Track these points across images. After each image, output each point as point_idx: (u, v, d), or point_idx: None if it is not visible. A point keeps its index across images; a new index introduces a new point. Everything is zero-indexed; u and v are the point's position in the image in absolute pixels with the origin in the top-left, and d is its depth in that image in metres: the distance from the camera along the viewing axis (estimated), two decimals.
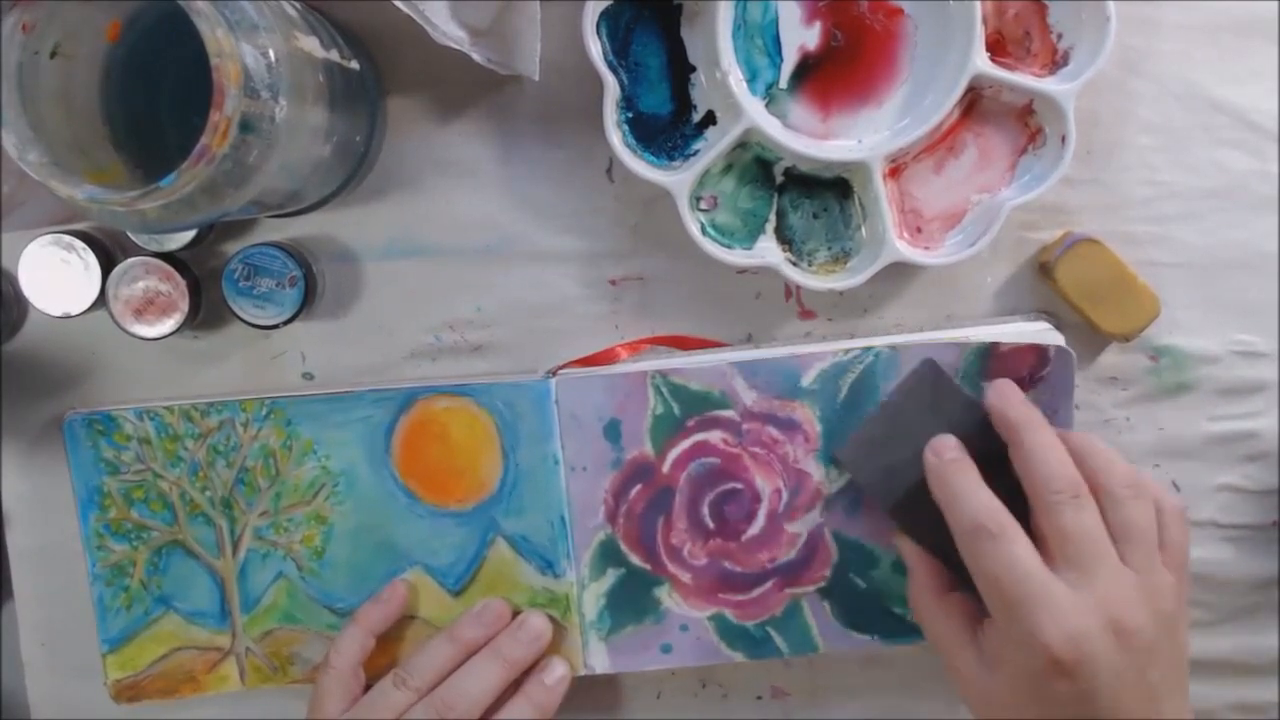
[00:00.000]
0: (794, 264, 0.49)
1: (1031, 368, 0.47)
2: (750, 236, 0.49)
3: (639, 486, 0.49)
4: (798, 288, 0.51)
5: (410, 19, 0.43)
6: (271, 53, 0.36)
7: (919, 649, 0.49)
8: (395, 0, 0.42)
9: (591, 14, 0.46)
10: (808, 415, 0.48)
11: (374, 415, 0.49)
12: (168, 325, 0.48)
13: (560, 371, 0.49)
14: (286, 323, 0.48)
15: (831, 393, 0.48)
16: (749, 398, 0.48)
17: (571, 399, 0.48)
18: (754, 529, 0.49)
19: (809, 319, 0.51)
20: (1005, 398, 0.42)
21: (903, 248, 0.48)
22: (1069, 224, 0.50)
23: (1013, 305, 0.51)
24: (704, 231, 0.48)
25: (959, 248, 0.48)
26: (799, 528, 0.49)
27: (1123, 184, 0.50)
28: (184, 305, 0.48)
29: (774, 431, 0.49)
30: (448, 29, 0.43)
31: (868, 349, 0.48)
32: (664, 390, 0.48)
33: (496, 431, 0.49)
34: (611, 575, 0.49)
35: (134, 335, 0.48)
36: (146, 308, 0.48)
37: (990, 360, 0.47)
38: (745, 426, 0.49)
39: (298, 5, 0.41)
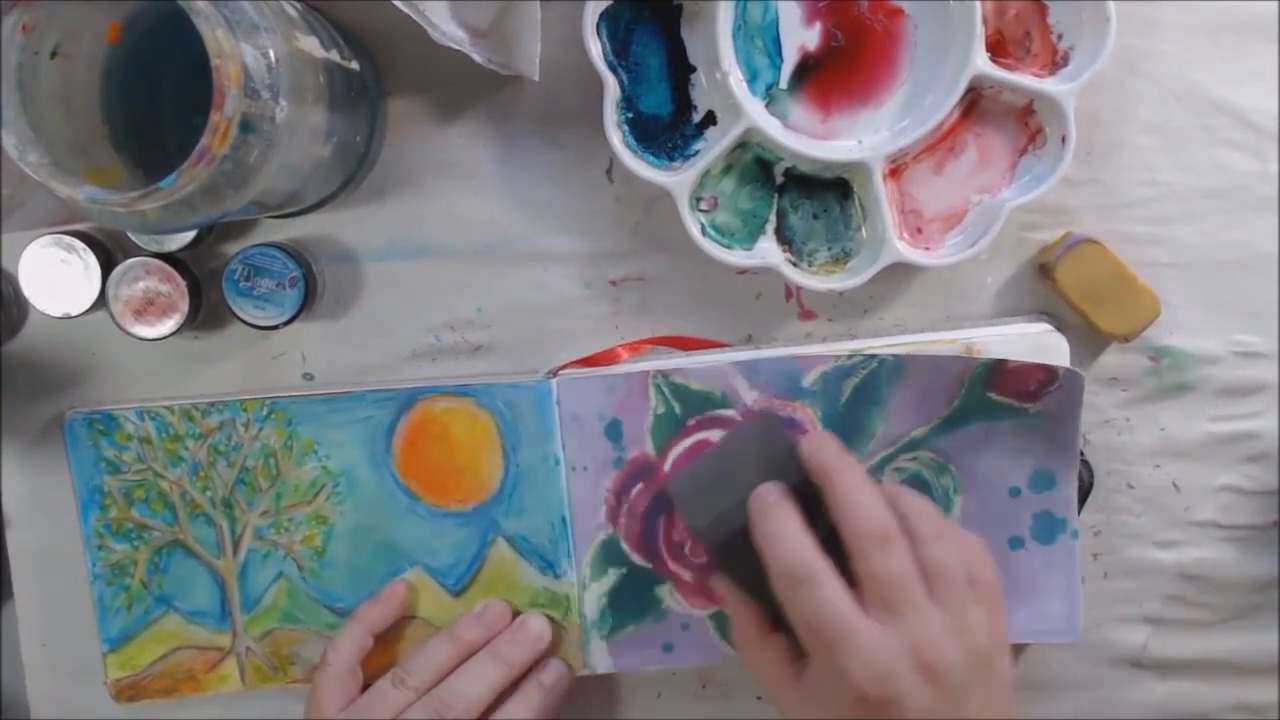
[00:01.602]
0: (794, 264, 0.49)
1: (1039, 383, 0.47)
2: (750, 237, 0.49)
3: (640, 485, 0.49)
4: (798, 288, 0.51)
5: (410, 19, 0.43)
6: (271, 53, 0.36)
7: None
8: (395, 0, 0.42)
9: (591, 14, 0.46)
10: (809, 416, 0.48)
11: (375, 415, 0.49)
12: (168, 326, 0.48)
13: (561, 372, 0.49)
14: (287, 323, 0.48)
15: (834, 395, 0.48)
16: (750, 397, 0.48)
17: (572, 399, 0.48)
18: None
19: (809, 319, 0.51)
20: (819, 446, 0.43)
21: (903, 248, 0.48)
22: (1069, 224, 0.50)
23: (1013, 305, 0.51)
24: (704, 232, 0.48)
25: (959, 248, 0.48)
26: None
27: (1123, 184, 0.50)
28: (184, 306, 0.48)
29: None
30: (448, 29, 0.43)
31: (871, 356, 0.47)
32: (665, 390, 0.48)
33: (497, 432, 0.49)
34: (613, 575, 0.49)
35: (134, 336, 0.48)
36: (146, 308, 0.48)
37: (997, 376, 0.47)
38: None
39: (298, 5, 0.41)
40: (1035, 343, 0.48)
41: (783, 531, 0.40)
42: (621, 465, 0.49)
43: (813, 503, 0.42)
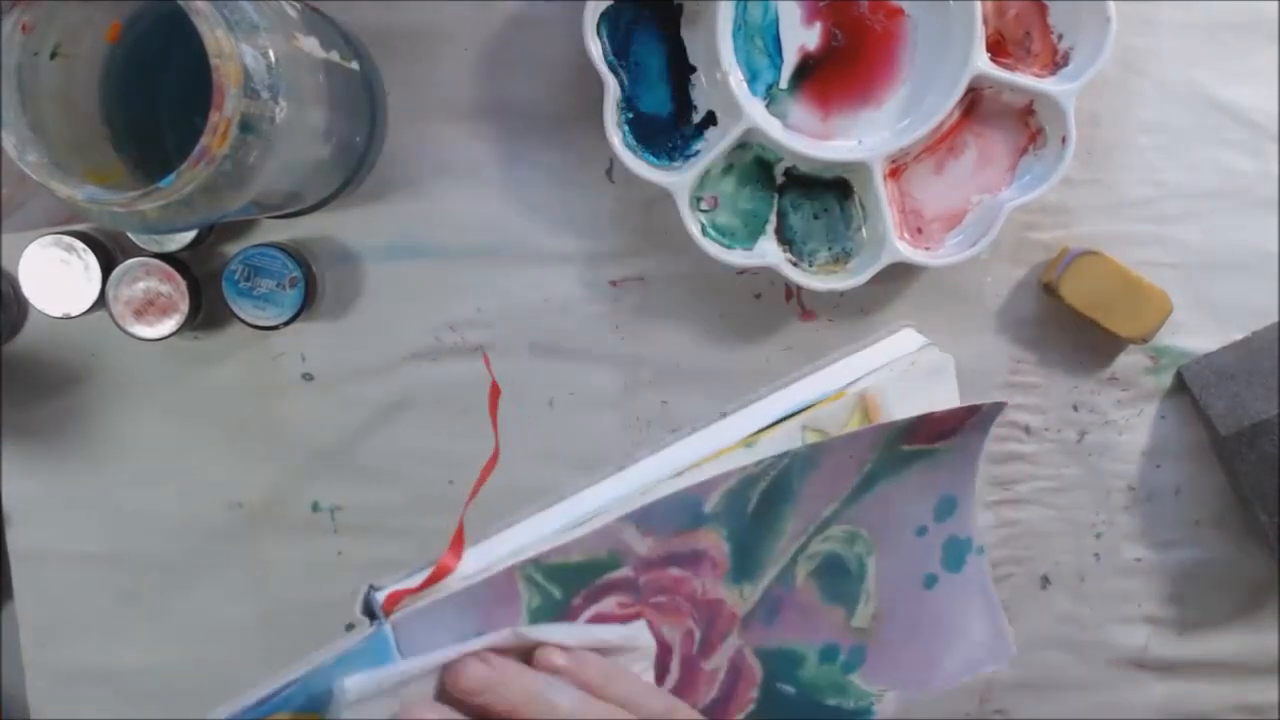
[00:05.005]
0: (794, 264, 0.49)
1: (959, 421, 0.43)
2: (751, 237, 0.49)
3: None
4: (798, 288, 0.51)
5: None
6: (271, 53, 0.36)
7: None
8: None
9: (591, 14, 0.46)
10: (713, 539, 0.42)
11: None
12: (168, 326, 0.48)
13: (393, 610, 0.37)
14: (287, 323, 0.48)
15: (740, 508, 0.42)
16: (643, 547, 0.40)
17: (419, 637, 0.37)
18: (670, 682, 0.43)
19: (809, 320, 0.51)
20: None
21: (903, 248, 0.48)
22: (1069, 224, 0.50)
23: (1014, 306, 0.51)
24: (704, 232, 0.48)
25: (960, 248, 0.48)
26: (717, 661, 0.43)
27: (1123, 184, 0.50)
28: (184, 306, 0.48)
29: (676, 571, 0.41)
30: None
31: (782, 455, 0.41)
32: (538, 578, 0.39)
33: None
34: None
35: (134, 336, 0.48)
36: (147, 308, 0.48)
37: (915, 430, 0.42)
38: (642, 579, 0.41)
39: (298, 5, 0.41)
40: (926, 367, 0.44)
41: None
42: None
43: None
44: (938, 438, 0.44)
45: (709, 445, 0.42)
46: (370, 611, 0.38)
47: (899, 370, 0.44)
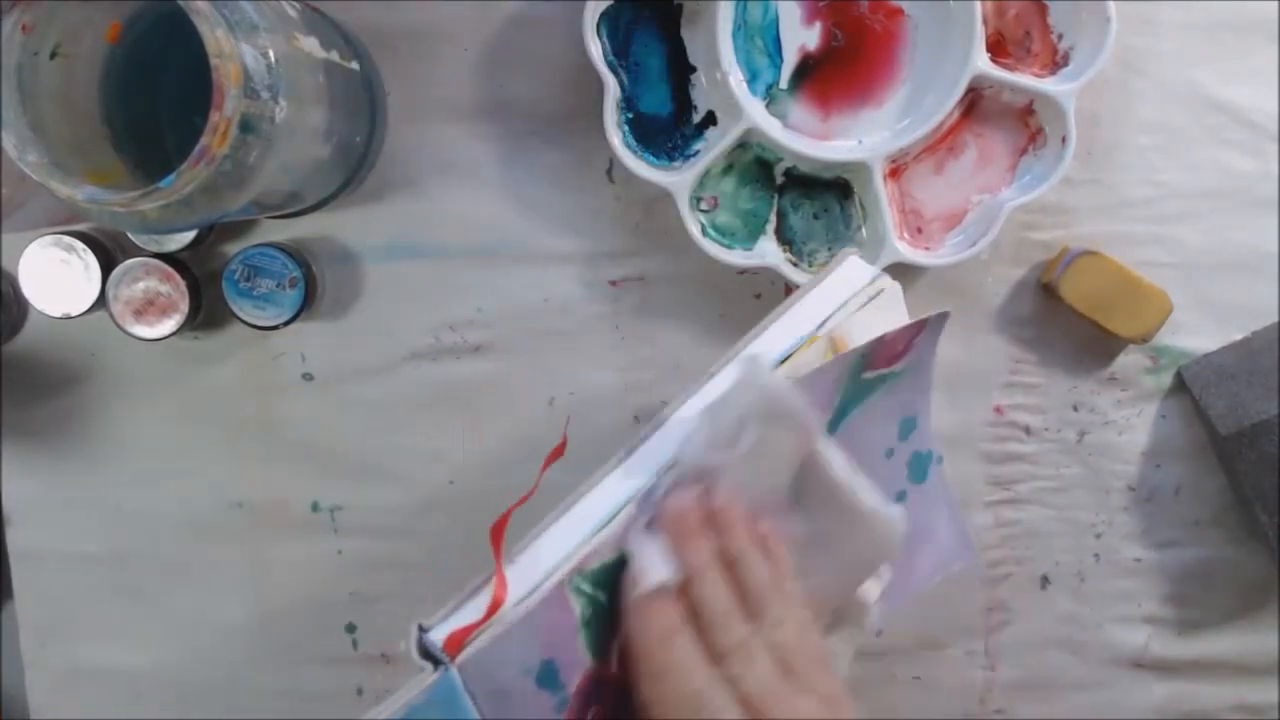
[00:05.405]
0: (794, 264, 0.49)
1: (909, 339, 0.43)
2: (751, 237, 0.49)
3: (594, 710, 0.38)
4: (798, 288, 0.51)
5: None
6: (271, 53, 0.36)
7: None
8: None
9: (591, 14, 0.46)
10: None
11: None
12: (168, 326, 0.48)
13: (458, 654, 0.35)
14: (287, 323, 0.48)
15: None
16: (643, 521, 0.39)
17: (486, 676, 0.35)
18: None
19: None
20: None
21: (903, 248, 0.48)
22: (1069, 224, 0.50)
23: (1014, 306, 0.51)
24: (704, 232, 0.48)
25: (959, 248, 0.48)
26: None
27: (1123, 184, 0.50)
28: (184, 306, 0.48)
29: None
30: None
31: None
32: (584, 587, 0.37)
33: None
34: None
35: (134, 336, 0.48)
36: (147, 308, 0.48)
37: (871, 355, 0.42)
38: None
39: (298, 5, 0.41)
40: (884, 298, 0.43)
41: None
42: (566, 706, 0.37)
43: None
44: (894, 359, 0.43)
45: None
46: (429, 655, 0.35)
47: (860, 305, 0.43)
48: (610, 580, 0.38)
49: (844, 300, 0.43)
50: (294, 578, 0.53)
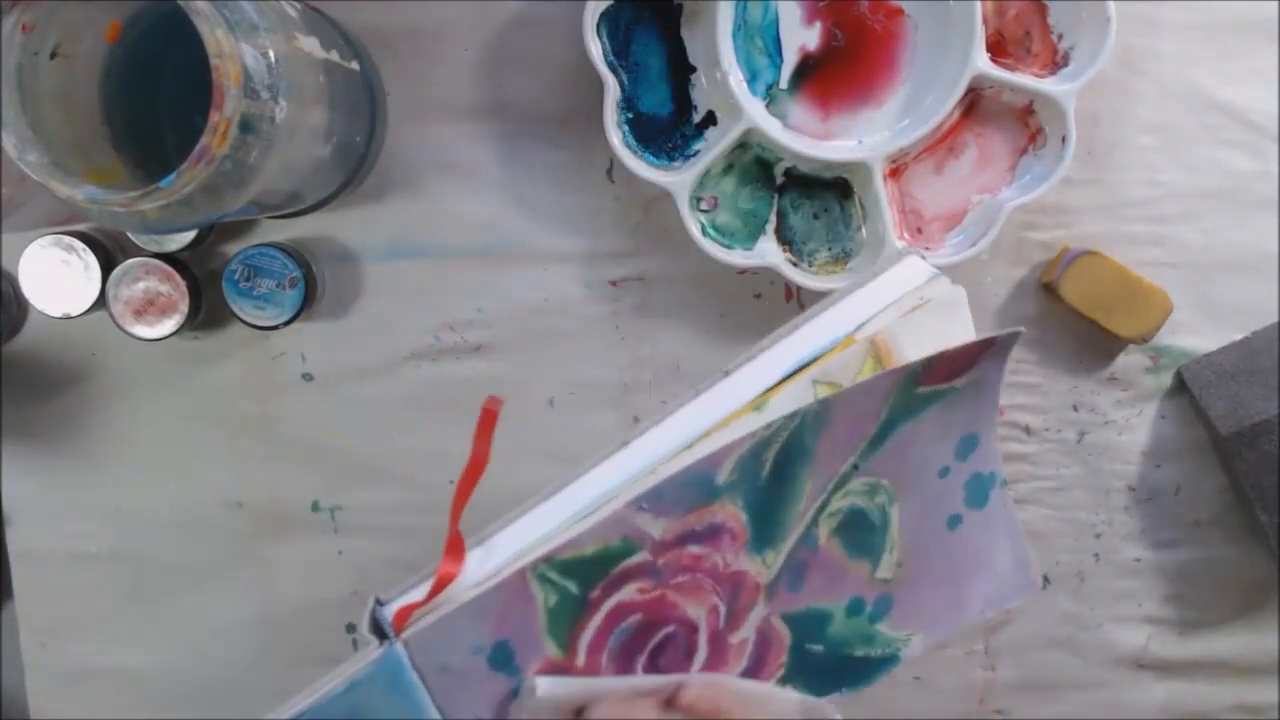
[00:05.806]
0: (794, 264, 0.49)
1: (973, 357, 0.40)
2: (751, 237, 0.49)
3: None
4: (798, 288, 0.51)
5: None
6: (271, 53, 0.36)
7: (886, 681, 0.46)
8: None
9: (591, 14, 0.46)
10: (730, 511, 0.39)
11: None
12: (168, 326, 0.48)
13: (403, 629, 0.35)
14: (287, 323, 0.48)
15: (753, 474, 0.39)
16: (658, 529, 0.38)
17: (433, 653, 0.35)
18: (699, 660, 0.41)
19: None
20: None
21: (903, 248, 0.48)
22: (1069, 224, 0.50)
23: (1014, 306, 0.51)
24: (704, 232, 0.48)
25: (959, 248, 0.48)
26: (745, 632, 0.42)
27: (1123, 184, 0.50)
28: (184, 306, 0.48)
29: (694, 549, 0.39)
30: None
31: (793, 415, 0.38)
32: (552, 576, 0.37)
33: None
34: None
35: (134, 336, 0.48)
36: (147, 308, 0.48)
37: (930, 370, 0.39)
38: (661, 562, 0.39)
39: (298, 5, 0.41)
40: (938, 302, 0.41)
41: None
42: (521, 692, 0.37)
43: None
44: (953, 375, 0.40)
45: (717, 411, 0.40)
46: (379, 630, 0.36)
47: (908, 308, 0.40)
48: (586, 573, 0.37)
49: (889, 303, 0.41)
50: (294, 578, 0.53)
